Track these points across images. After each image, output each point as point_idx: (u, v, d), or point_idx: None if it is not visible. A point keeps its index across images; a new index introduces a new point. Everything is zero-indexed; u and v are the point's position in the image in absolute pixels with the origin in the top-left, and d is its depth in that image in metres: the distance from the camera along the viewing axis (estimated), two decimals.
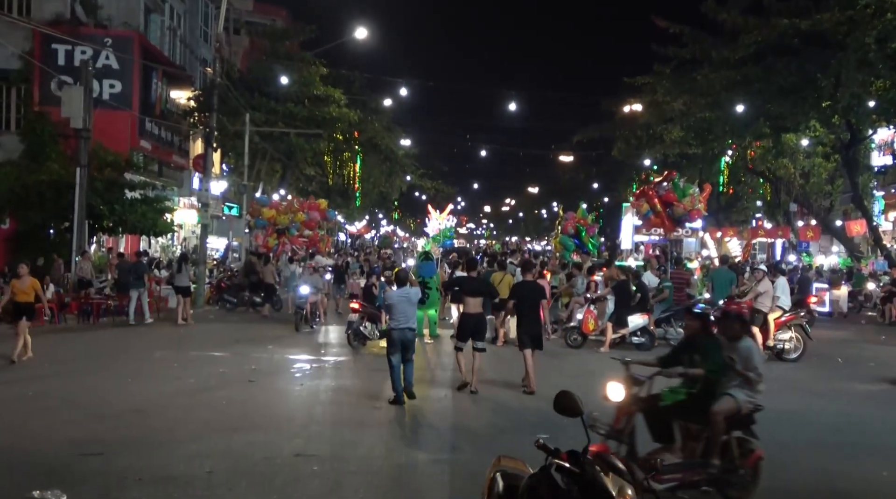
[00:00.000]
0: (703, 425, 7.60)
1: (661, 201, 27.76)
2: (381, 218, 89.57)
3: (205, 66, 39.03)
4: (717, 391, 7.82)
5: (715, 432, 7.72)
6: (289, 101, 39.56)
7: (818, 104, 30.72)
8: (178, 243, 38.83)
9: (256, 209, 37.73)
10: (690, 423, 7.74)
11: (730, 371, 7.95)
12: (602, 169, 71.68)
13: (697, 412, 7.74)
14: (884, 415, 12.60)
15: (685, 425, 7.73)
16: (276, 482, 8.33)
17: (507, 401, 12.81)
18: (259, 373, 14.75)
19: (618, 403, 7.48)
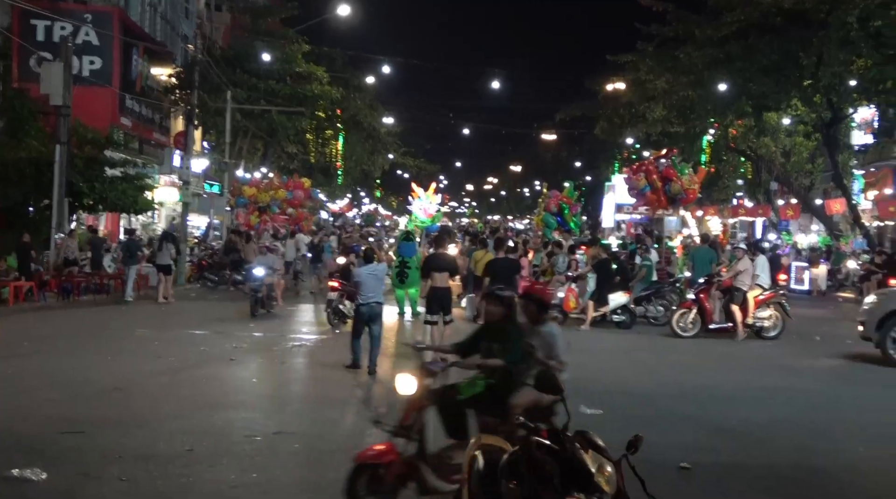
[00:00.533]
0: (501, 419, 6.81)
1: (661, 177, 27.62)
2: (363, 196, 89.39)
3: (186, 43, 38.67)
4: (518, 382, 7.03)
5: (513, 426, 6.68)
6: (271, 79, 39.29)
7: (800, 83, 30.81)
8: (158, 221, 38.62)
9: (238, 187, 37.58)
10: (487, 417, 6.93)
11: (531, 360, 7.19)
12: (584, 147, 71.78)
13: (496, 405, 6.97)
14: (860, 392, 12.73)
15: (482, 419, 6.95)
16: (256, 460, 8.32)
17: None
18: (240, 351, 14.72)
19: (408, 396, 6.82)
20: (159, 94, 36.44)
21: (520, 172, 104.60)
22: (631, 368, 14.27)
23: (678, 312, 18.31)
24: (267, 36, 40.83)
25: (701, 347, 16.44)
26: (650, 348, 16.39)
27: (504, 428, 6.55)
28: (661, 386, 12.63)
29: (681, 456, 8.53)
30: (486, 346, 7.26)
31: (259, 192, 36.90)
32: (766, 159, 41.13)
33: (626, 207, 52.36)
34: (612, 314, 19.15)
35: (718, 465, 8.55)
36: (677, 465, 8.32)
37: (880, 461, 8.97)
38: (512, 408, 6.75)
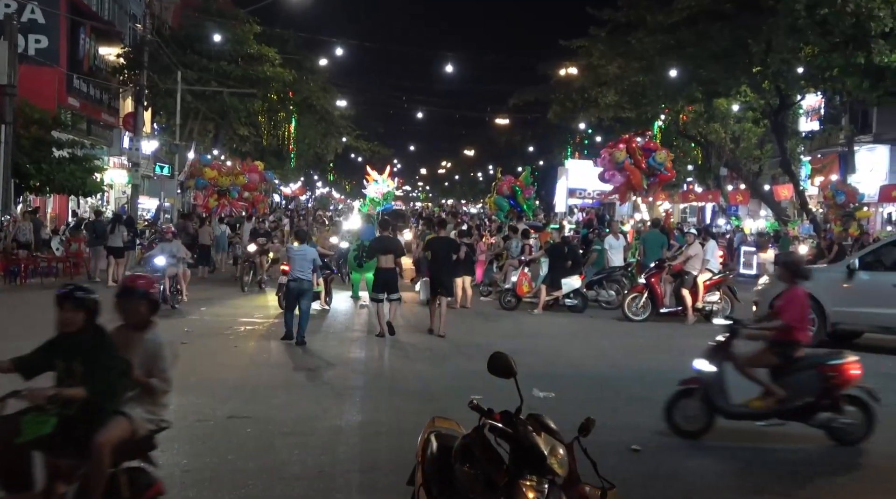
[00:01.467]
0: (79, 461, 5.39)
1: (642, 149, 27.64)
2: (316, 179, 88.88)
3: (135, 22, 38.08)
4: (106, 412, 5.52)
5: (98, 468, 5.40)
6: (222, 60, 38.85)
7: (749, 69, 31.16)
8: (107, 204, 38.06)
9: (199, 169, 37.07)
10: (62, 459, 5.40)
11: (125, 380, 5.70)
12: (538, 132, 71.95)
13: (73, 444, 5.38)
14: None
15: (53, 463, 5.37)
16: (209, 444, 8.28)
17: (441, 363, 12.90)
18: (192, 335, 14.59)
19: None
20: (108, 74, 35.87)
21: (473, 156, 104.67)
22: (583, 351, 14.41)
23: (629, 297, 18.51)
24: (218, 16, 40.32)
25: (651, 331, 16.65)
26: (602, 332, 16.57)
27: (84, 471, 5.40)
28: (612, 369, 12.78)
29: (632, 438, 8.65)
30: (62, 365, 5.57)
31: (220, 175, 36.47)
32: (716, 145, 41.58)
33: (579, 192, 52.66)
34: (565, 298, 19.30)
35: (668, 446, 8.68)
36: (629, 447, 8.43)
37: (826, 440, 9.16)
38: (97, 446, 5.35)
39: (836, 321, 14.77)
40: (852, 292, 14.71)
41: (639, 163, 27.51)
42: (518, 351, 8.47)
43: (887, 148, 34.62)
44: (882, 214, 35.86)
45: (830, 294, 14.64)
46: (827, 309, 14.59)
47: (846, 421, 8.67)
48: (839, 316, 14.71)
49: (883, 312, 14.48)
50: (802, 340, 9.01)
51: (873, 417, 8.71)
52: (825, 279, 14.86)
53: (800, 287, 9.24)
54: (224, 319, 16.68)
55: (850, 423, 8.67)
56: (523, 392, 4.73)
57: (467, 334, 15.65)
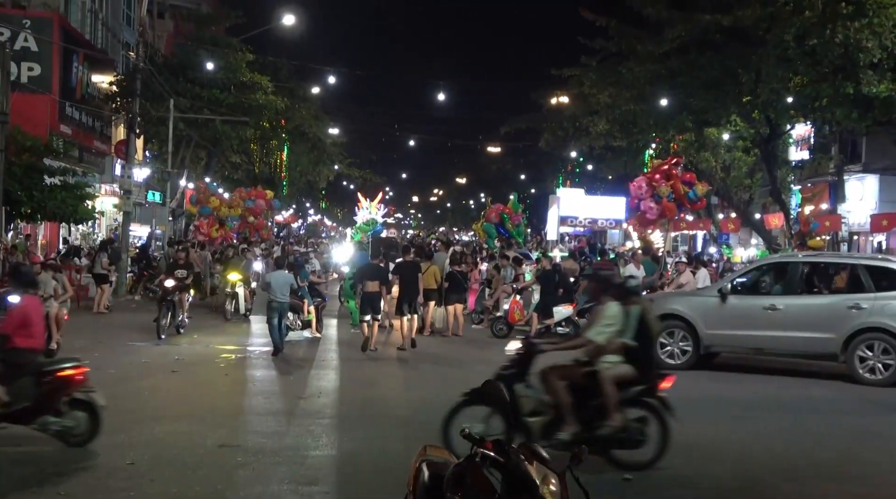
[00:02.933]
0: None
1: (684, 182, 27.44)
2: (308, 207, 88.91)
3: (128, 50, 38.16)
4: None
5: None
6: (214, 88, 38.92)
7: (739, 99, 31.36)
8: (98, 231, 38.01)
9: (206, 197, 37.02)
10: None
11: None
12: (529, 160, 72.24)
13: None
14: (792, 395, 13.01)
15: None
16: (199, 473, 8.24)
17: (433, 391, 12.87)
18: (183, 363, 14.55)
19: None
20: (100, 101, 35.90)
21: (465, 184, 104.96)
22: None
23: None
24: (210, 44, 40.45)
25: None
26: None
27: None
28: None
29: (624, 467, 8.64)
30: None
31: (222, 205, 36.50)
32: (707, 174, 41.70)
33: (570, 220, 52.77)
34: (557, 326, 19.30)
35: (660, 476, 8.66)
36: (621, 476, 8.42)
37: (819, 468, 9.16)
38: None
39: (709, 344, 15.32)
40: (725, 316, 15.15)
41: (681, 198, 27.30)
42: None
43: (876, 177, 34.82)
44: (872, 242, 36.02)
45: (704, 318, 15.15)
46: (700, 332, 15.10)
47: (68, 424, 8.87)
48: (712, 339, 15.24)
49: (755, 334, 15.07)
50: (26, 347, 9.16)
51: (100, 419, 8.96)
52: (698, 304, 15.46)
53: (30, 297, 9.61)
54: (215, 347, 16.64)
55: (73, 426, 8.90)
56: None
57: (459, 362, 15.63)
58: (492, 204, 38.04)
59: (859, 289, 14.80)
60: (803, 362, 15.63)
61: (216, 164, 47.08)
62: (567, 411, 8.48)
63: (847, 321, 14.38)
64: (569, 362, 8.98)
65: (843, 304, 14.64)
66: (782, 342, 14.96)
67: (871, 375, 14.19)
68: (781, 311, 14.77)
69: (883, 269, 15.18)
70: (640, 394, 8.76)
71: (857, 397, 13.40)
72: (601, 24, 34.96)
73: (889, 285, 14.73)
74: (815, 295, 15.98)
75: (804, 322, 14.69)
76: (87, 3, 36.52)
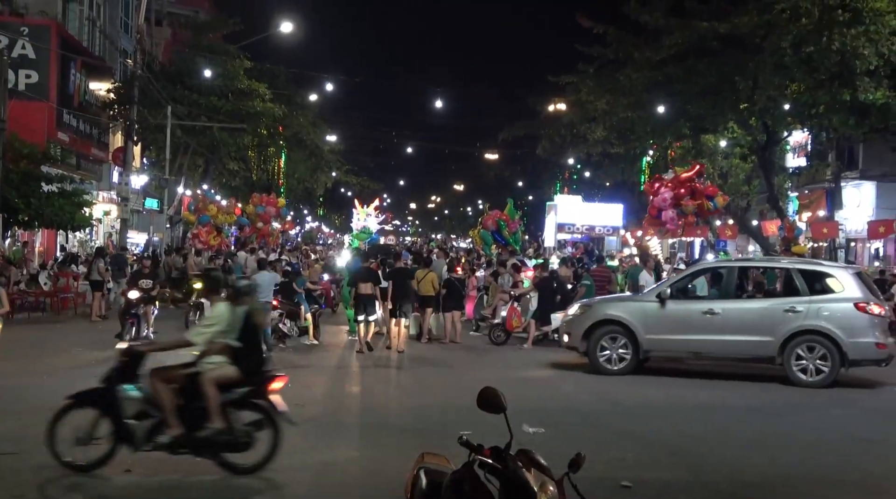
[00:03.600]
0: None
1: (707, 196, 27.44)
2: (305, 214, 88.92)
3: (125, 58, 38.19)
4: None
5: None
6: (212, 95, 38.95)
7: (736, 106, 31.41)
8: (96, 238, 38.00)
9: (205, 205, 37.04)
10: None
11: None
12: (527, 167, 72.31)
13: None
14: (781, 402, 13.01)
15: None
16: (192, 480, 8.22)
17: (430, 398, 12.86)
18: None
19: None
20: (98, 109, 35.92)
21: (463, 190, 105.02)
22: (572, 385, 14.38)
23: None
24: (208, 51, 40.49)
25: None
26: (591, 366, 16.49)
27: None
28: (602, 403, 12.75)
29: (622, 473, 8.62)
30: None
31: (219, 213, 36.55)
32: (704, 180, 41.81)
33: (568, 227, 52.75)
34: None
35: (659, 481, 8.65)
36: (619, 483, 8.40)
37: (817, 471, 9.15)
38: None
39: (649, 349, 15.47)
40: (664, 320, 15.29)
41: (704, 212, 27.33)
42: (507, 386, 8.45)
43: (873, 184, 34.89)
44: (870, 249, 36.05)
45: (643, 323, 15.27)
46: (640, 337, 15.22)
47: None
48: (652, 343, 15.37)
49: (694, 338, 15.18)
50: None
51: None
52: (637, 309, 15.56)
53: None
54: None
55: None
56: (513, 428, 4.72)
57: (456, 370, 15.62)
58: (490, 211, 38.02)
59: (795, 293, 15.17)
60: (736, 366, 15.75)
61: (214, 171, 47.07)
62: (169, 413, 8.30)
63: (784, 324, 14.68)
64: (173, 364, 8.81)
65: (780, 307, 14.97)
66: (721, 346, 15.14)
67: (807, 376, 14.50)
68: (720, 315, 15.00)
69: (817, 273, 15.57)
70: (247, 395, 8.57)
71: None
72: (599, 32, 35.05)
73: (823, 289, 15.15)
74: (753, 299, 16.52)
75: (742, 326, 14.96)
76: (84, 10, 36.54)
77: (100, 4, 39.00)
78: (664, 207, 27.52)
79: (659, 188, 28.24)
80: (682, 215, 27.37)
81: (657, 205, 27.79)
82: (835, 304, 14.73)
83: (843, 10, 26.83)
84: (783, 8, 28.10)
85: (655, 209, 28.29)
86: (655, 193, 28.71)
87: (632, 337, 15.23)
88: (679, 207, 27.16)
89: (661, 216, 28.06)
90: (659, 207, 27.78)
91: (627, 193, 54.89)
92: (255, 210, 41.42)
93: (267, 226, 41.38)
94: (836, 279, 15.10)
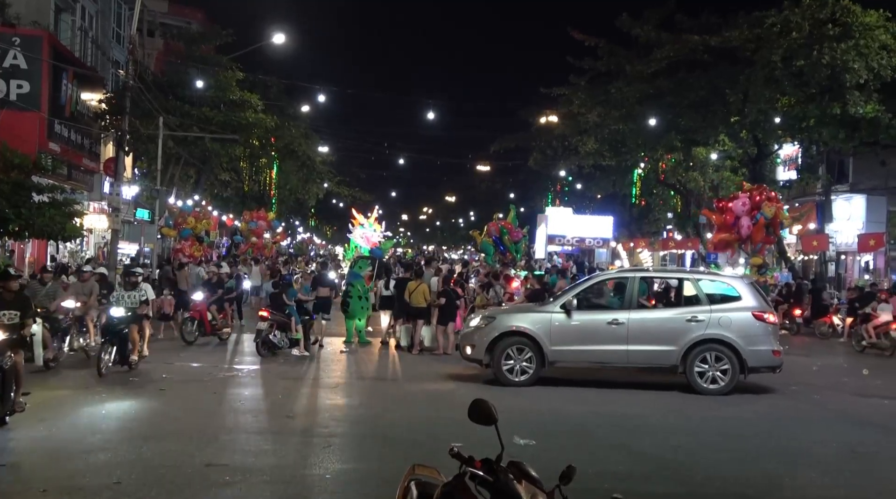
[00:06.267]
0: None
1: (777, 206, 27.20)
2: (297, 225, 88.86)
3: (117, 68, 38.17)
4: None
5: None
6: (204, 106, 38.95)
7: (727, 119, 31.58)
8: (87, 249, 37.86)
9: (183, 219, 36.97)
10: None
11: None
12: (519, 178, 72.44)
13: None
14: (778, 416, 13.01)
15: None
16: (186, 492, 8.19)
17: (421, 410, 12.84)
18: (170, 382, 14.48)
19: None
20: (89, 119, 35.85)
21: (455, 202, 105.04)
22: (564, 396, 14.37)
23: None
24: (200, 62, 40.52)
25: (632, 377, 16.56)
26: (583, 377, 16.51)
27: None
28: (593, 415, 12.74)
29: (614, 486, 8.60)
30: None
31: (196, 221, 36.53)
32: (695, 193, 41.96)
33: (558, 238, 52.87)
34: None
35: (651, 495, 8.65)
36: (610, 495, 8.37)
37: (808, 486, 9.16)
38: None
39: (554, 360, 15.36)
40: (569, 331, 15.27)
41: (775, 226, 27.17)
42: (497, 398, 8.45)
43: (863, 197, 35.04)
44: (860, 262, 36.17)
45: (548, 334, 15.22)
46: (545, 348, 15.16)
47: None
48: (557, 354, 15.28)
49: (598, 348, 15.24)
50: None
51: None
52: (542, 319, 15.45)
53: None
54: (203, 366, 16.56)
55: None
56: (504, 439, 4.72)
57: (447, 381, 15.60)
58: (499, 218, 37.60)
59: (696, 302, 15.36)
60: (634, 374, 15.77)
61: (205, 182, 47.05)
62: None
63: (686, 334, 14.86)
64: None
65: (682, 317, 15.12)
66: (626, 356, 15.18)
67: (710, 384, 14.72)
68: (624, 325, 15.08)
69: (715, 282, 15.97)
70: None
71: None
72: (591, 44, 35.25)
73: (723, 298, 15.39)
74: (656, 309, 16.69)
75: (646, 336, 15.07)
76: (77, 21, 36.50)
77: (92, 15, 38.98)
78: (742, 212, 27.09)
79: (730, 201, 27.75)
80: (754, 222, 26.96)
81: (735, 211, 27.34)
82: (734, 313, 14.99)
83: (833, 24, 27.02)
84: (774, 22, 28.29)
85: (732, 215, 27.63)
86: (726, 205, 27.99)
87: (537, 348, 15.13)
88: (760, 211, 26.84)
89: (736, 224, 27.48)
90: (738, 213, 27.28)
91: (618, 205, 55.09)
92: (247, 226, 41.85)
93: (261, 240, 42.02)
94: (733, 289, 15.41)
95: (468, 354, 15.80)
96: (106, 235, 35.38)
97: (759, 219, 26.83)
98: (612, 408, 13.32)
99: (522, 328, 15.33)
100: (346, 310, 20.40)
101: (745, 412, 13.35)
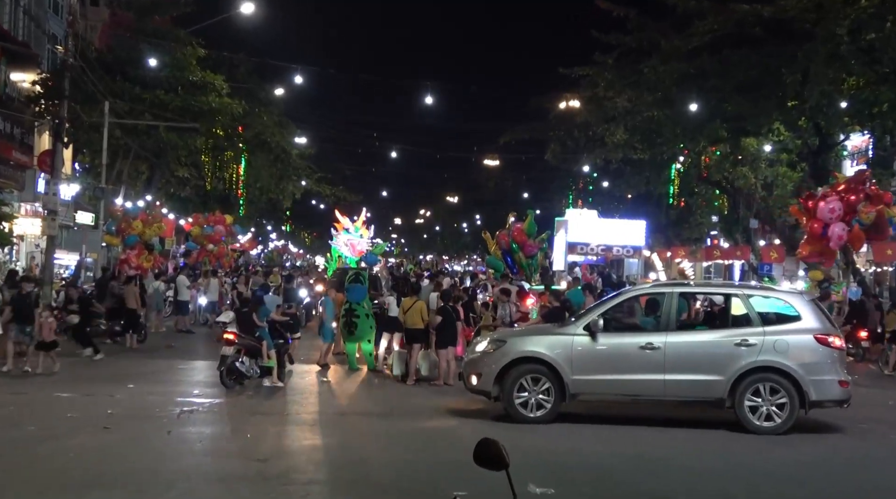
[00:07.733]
0: None
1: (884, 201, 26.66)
2: (269, 230, 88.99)
3: (55, 44, 38.28)
4: None
5: None
6: (158, 88, 39.06)
7: (782, 104, 31.56)
8: (17, 259, 37.91)
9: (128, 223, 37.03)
10: None
11: None
12: (533, 176, 72.49)
13: None
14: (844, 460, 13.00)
15: None
16: None
17: (418, 451, 12.82)
18: (117, 417, 14.46)
19: None
20: (21, 104, 35.95)
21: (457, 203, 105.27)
22: (588, 436, 14.34)
23: None
24: (154, 37, 40.60)
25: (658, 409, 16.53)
26: (610, 413, 16.49)
27: None
28: (622, 458, 12.71)
29: None
30: None
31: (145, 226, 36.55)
32: (745, 192, 41.96)
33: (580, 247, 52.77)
34: None
35: None
36: None
37: None
38: None
39: (576, 391, 15.22)
40: (594, 357, 15.20)
41: (883, 227, 26.39)
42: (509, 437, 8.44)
43: None
44: None
45: (569, 361, 15.12)
46: (565, 378, 15.05)
47: None
48: (579, 385, 15.16)
49: (629, 378, 15.11)
50: None
51: None
52: (562, 343, 15.35)
53: None
54: (156, 398, 16.54)
55: None
56: (516, 487, 4.71)
57: (448, 417, 15.58)
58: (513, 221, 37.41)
59: (747, 323, 15.25)
60: (673, 410, 15.72)
61: (160, 179, 47.12)
62: None
63: (735, 361, 14.77)
64: None
65: (731, 340, 15.03)
66: (662, 387, 15.05)
67: (763, 421, 14.59)
68: (661, 349, 14.99)
69: (770, 300, 15.89)
70: None
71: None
72: (619, 15, 35.23)
73: (778, 318, 15.28)
74: (699, 331, 16.39)
75: (687, 363, 14.95)
76: None
77: None
78: (832, 219, 26.03)
79: (817, 203, 26.82)
80: (849, 229, 26.03)
81: (823, 218, 26.42)
82: (792, 336, 14.89)
83: None
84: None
85: (820, 224, 26.81)
86: (814, 206, 27.21)
87: (556, 378, 14.99)
88: (855, 217, 26.01)
89: (826, 233, 26.54)
90: (826, 221, 26.33)
91: (652, 207, 54.99)
92: (201, 231, 41.49)
93: (222, 247, 41.54)
94: (791, 307, 15.27)
95: (473, 384, 15.69)
96: (40, 242, 35.42)
97: (855, 227, 26.12)
98: (645, 450, 13.28)
99: (538, 354, 15.23)
100: (351, 331, 20.57)
101: (804, 455, 13.33)
